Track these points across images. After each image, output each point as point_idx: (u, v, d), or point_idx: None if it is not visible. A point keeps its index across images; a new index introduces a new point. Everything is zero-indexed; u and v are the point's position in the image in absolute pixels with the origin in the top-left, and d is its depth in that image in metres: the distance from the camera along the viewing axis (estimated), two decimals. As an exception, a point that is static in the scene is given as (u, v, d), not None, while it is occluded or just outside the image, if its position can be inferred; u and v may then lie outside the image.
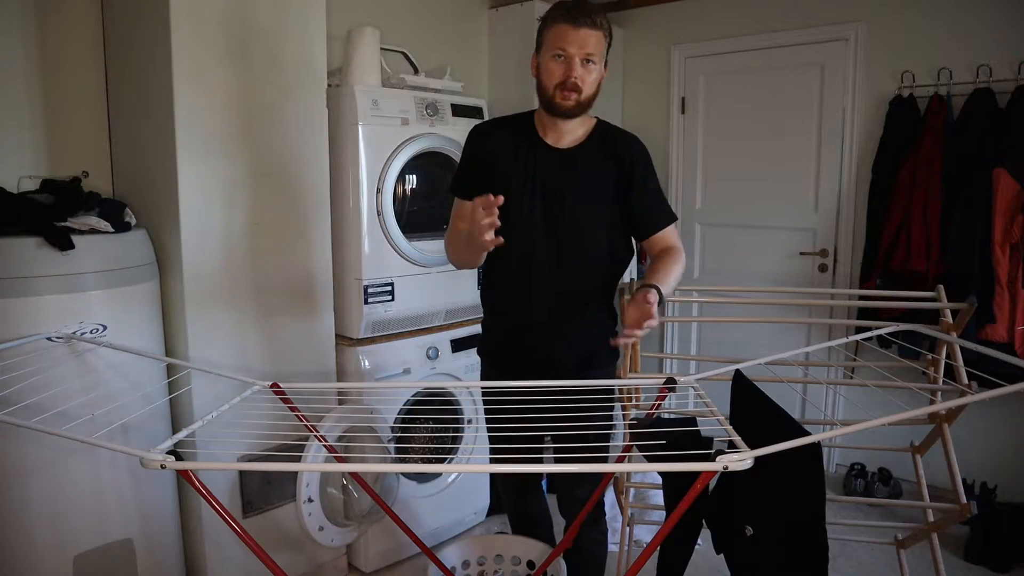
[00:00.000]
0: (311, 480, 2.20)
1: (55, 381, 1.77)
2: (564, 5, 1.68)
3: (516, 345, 1.90)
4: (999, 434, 3.02)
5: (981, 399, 1.33)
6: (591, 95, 1.74)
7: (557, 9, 1.69)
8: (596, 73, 1.73)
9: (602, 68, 1.75)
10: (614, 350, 1.90)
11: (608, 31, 1.71)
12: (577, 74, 1.68)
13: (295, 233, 2.37)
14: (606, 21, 1.70)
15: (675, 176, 3.94)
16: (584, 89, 1.71)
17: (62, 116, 2.27)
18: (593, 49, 1.68)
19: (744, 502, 1.46)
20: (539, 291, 1.80)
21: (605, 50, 1.73)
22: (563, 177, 1.77)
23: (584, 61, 1.69)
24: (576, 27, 1.65)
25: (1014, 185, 2.75)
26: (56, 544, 1.89)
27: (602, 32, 1.69)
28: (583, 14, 1.65)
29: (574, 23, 1.65)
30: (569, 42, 1.66)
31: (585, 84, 1.71)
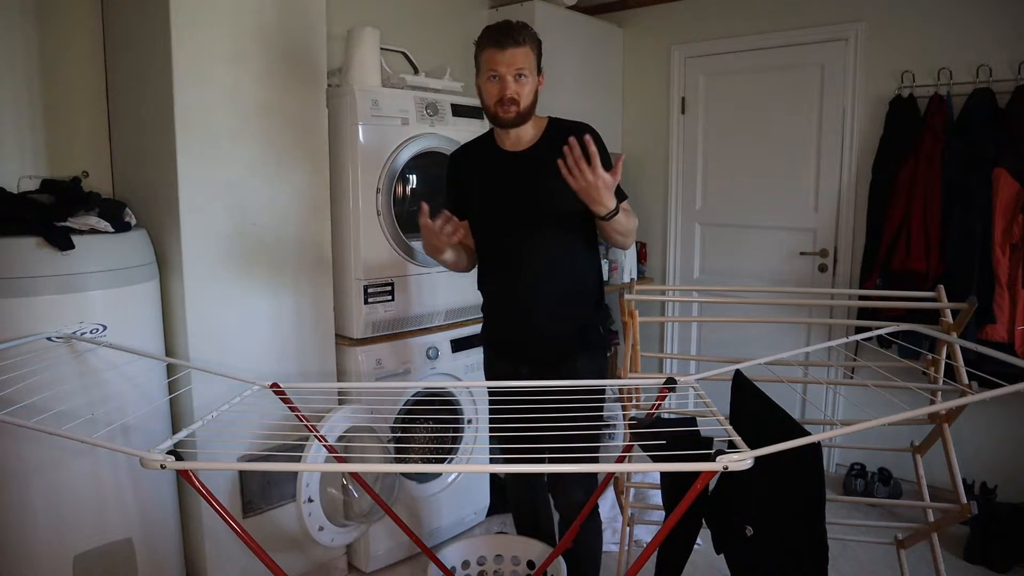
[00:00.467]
0: (311, 480, 2.20)
1: (55, 381, 1.77)
2: (490, 30, 1.88)
3: (512, 328, 2.07)
4: (999, 434, 3.02)
5: (981, 399, 1.33)
6: (529, 104, 1.91)
7: (485, 35, 1.88)
8: (530, 84, 1.89)
9: (535, 78, 1.91)
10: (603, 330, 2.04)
11: (534, 44, 1.89)
12: (511, 90, 1.86)
13: (295, 233, 2.37)
14: (529, 36, 1.87)
15: (675, 176, 3.94)
16: (521, 100, 1.88)
17: (62, 116, 2.27)
18: (522, 64, 1.85)
19: (744, 502, 1.46)
20: (524, 278, 2.00)
21: (535, 61, 1.90)
22: (522, 175, 1.96)
23: (517, 76, 1.85)
24: (502, 49, 1.83)
25: (1014, 185, 2.75)
26: (56, 544, 1.89)
27: (528, 47, 1.86)
28: (506, 36, 1.83)
29: (500, 46, 1.83)
30: (499, 63, 1.84)
31: (521, 96, 1.87)
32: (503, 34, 1.83)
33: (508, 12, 3.51)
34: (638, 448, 1.51)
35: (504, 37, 1.83)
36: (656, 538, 1.33)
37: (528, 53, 1.86)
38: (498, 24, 1.87)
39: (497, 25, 1.86)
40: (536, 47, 1.89)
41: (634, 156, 4.11)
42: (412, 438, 2.70)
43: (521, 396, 1.69)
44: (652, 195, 4.04)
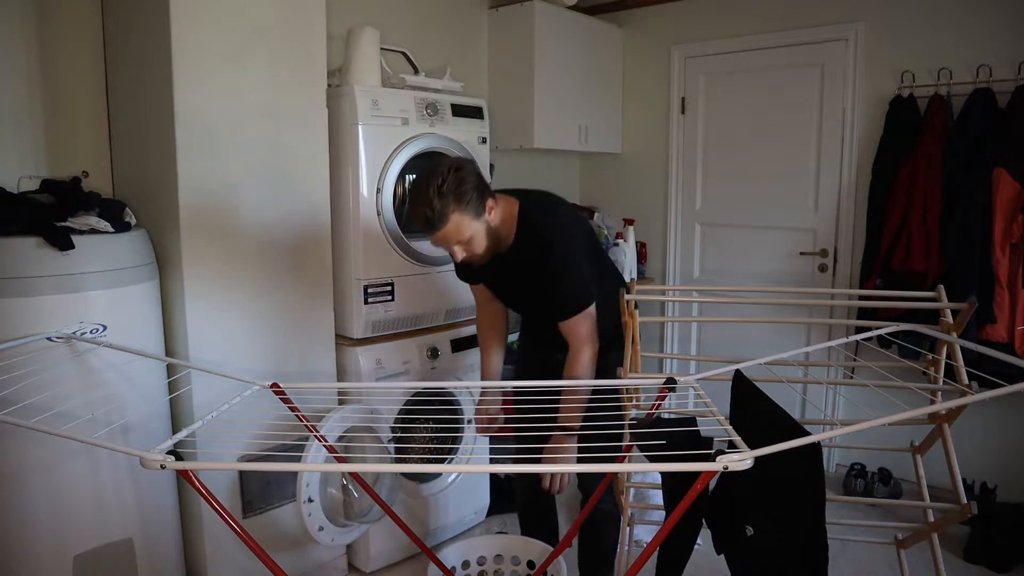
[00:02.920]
0: (311, 480, 2.20)
1: (55, 381, 1.77)
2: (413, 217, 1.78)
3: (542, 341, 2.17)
4: (999, 434, 3.02)
5: (981, 399, 1.33)
6: (487, 245, 1.85)
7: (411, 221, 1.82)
8: (477, 236, 1.81)
9: (480, 224, 1.80)
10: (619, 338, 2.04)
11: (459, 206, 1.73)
12: (461, 255, 1.83)
13: (295, 233, 2.37)
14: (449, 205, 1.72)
15: (675, 176, 3.94)
16: (476, 250, 1.83)
17: (62, 116, 2.27)
18: (455, 237, 1.77)
19: (744, 502, 1.46)
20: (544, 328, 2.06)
21: (470, 214, 1.76)
22: (509, 274, 2.02)
23: (458, 243, 1.79)
24: (432, 234, 1.77)
25: (1014, 185, 2.75)
26: (56, 544, 1.89)
27: (452, 217, 1.73)
28: (428, 223, 1.74)
29: (429, 232, 1.78)
30: (438, 243, 1.81)
31: (474, 250, 1.83)
32: (424, 222, 1.74)
33: (508, 12, 3.52)
34: (638, 448, 1.51)
35: (427, 225, 1.75)
36: (656, 538, 1.33)
37: (457, 222, 1.74)
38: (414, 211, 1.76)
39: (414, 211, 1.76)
40: (462, 204, 1.73)
41: (634, 156, 4.12)
42: (412, 438, 2.70)
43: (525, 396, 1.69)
44: (652, 195, 4.04)
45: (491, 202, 1.82)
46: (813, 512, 1.29)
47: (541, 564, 2.03)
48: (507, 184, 3.80)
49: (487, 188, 1.83)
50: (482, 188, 1.79)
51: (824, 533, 1.29)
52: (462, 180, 1.73)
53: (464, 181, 1.74)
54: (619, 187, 4.19)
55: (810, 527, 1.30)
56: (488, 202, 1.81)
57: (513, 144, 3.54)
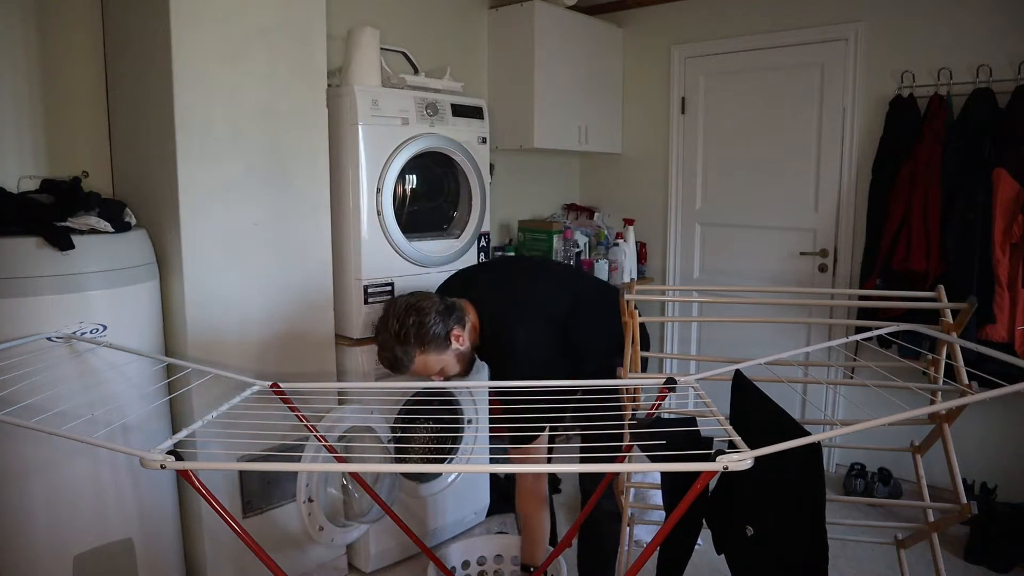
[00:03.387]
0: (311, 480, 2.20)
1: (55, 381, 1.77)
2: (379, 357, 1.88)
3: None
4: (999, 434, 3.02)
5: (981, 399, 1.33)
6: (463, 366, 1.93)
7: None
8: (448, 364, 1.88)
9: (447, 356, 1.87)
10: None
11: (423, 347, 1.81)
12: (439, 380, 1.91)
13: (295, 233, 2.37)
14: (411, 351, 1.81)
15: (675, 176, 3.94)
16: (450, 373, 1.90)
17: (62, 116, 2.27)
18: (424, 371, 1.86)
19: (744, 502, 1.46)
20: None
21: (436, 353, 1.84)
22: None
23: (430, 374, 1.88)
24: (401, 375, 1.88)
25: (1014, 185, 2.74)
26: (56, 544, 1.89)
27: (414, 362, 1.82)
28: (396, 367, 1.84)
29: (397, 373, 1.88)
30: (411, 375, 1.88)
31: (448, 373, 1.90)
32: (393, 367, 1.85)
33: (508, 12, 3.52)
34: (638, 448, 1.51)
35: (393, 369, 1.85)
36: (656, 538, 1.33)
37: (423, 360, 1.83)
38: (379, 349, 1.85)
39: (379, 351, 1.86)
40: (423, 345, 1.81)
41: (634, 156, 4.12)
42: (412, 438, 2.70)
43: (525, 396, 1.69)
44: (652, 195, 4.04)
45: (456, 330, 1.86)
46: (813, 512, 1.29)
47: (541, 564, 2.03)
48: (507, 184, 3.82)
49: (451, 317, 1.85)
50: (446, 320, 1.83)
51: (824, 533, 1.29)
52: (421, 324, 1.79)
53: (423, 324, 1.79)
54: (619, 187, 4.19)
55: (810, 527, 1.30)
56: (453, 331, 1.85)
57: (513, 144, 3.54)
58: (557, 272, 2.31)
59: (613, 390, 1.81)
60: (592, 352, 2.06)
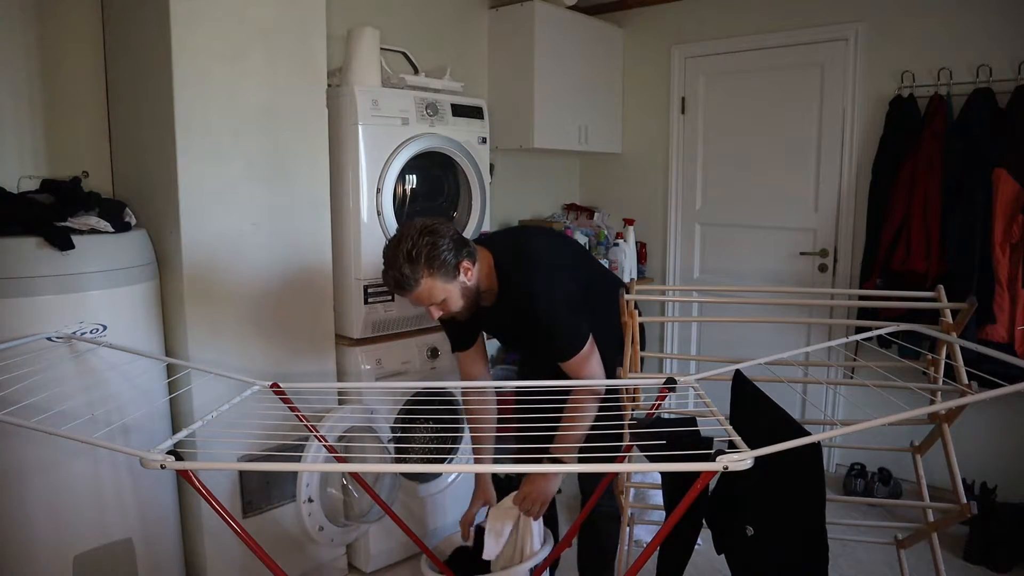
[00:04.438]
0: (311, 480, 2.21)
1: (55, 381, 1.77)
2: (385, 279, 1.78)
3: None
4: (999, 434, 3.02)
5: (981, 399, 1.33)
6: (465, 304, 1.84)
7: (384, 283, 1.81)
8: (452, 296, 1.80)
9: (456, 284, 1.79)
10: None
11: (430, 270, 1.73)
12: (437, 314, 1.83)
13: (295, 233, 2.37)
14: (418, 269, 1.72)
15: (675, 176, 3.94)
16: (453, 310, 1.82)
17: (62, 116, 2.27)
18: (428, 299, 1.78)
19: (744, 502, 1.46)
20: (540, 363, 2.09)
21: (443, 280, 1.76)
22: (497, 324, 2.05)
23: (432, 304, 1.79)
24: (403, 295, 1.78)
25: (1014, 185, 2.74)
26: (56, 544, 1.89)
27: (424, 282, 1.74)
28: (399, 286, 1.75)
29: (401, 294, 1.78)
30: (412, 303, 1.81)
31: (451, 310, 1.82)
32: (396, 286, 1.76)
33: (508, 12, 3.52)
34: (638, 448, 1.51)
35: (398, 288, 1.76)
36: (656, 538, 1.33)
37: (429, 286, 1.75)
38: (387, 274, 1.76)
39: (386, 274, 1.77)
40: (432, 268, 1.73)
41: (634, 156, 4.12)
42: (412, 438, 2.70)
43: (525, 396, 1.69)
44: (652, 195, 4.04)
45: (467, 263, 1.80)
46: (813, 512, 1.29)
47: (541, 563, 2.03)
48: (507, 184, 3.82)
49: (464, 249, 1.80)
50: (458, 250, 1.78)
51: (824, 533, 1.29)
52: (434, 244, 1.73)
53: (436, 245, 1.73)
54: (619, 187, 4.19)
55: (810, 527, 1.30)
56: (463, 263, 1.79)
57: (513, 144, 3.54)
58: (573, 248, 2.26)
59: (613, 390, 1.81)
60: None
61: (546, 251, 2.00)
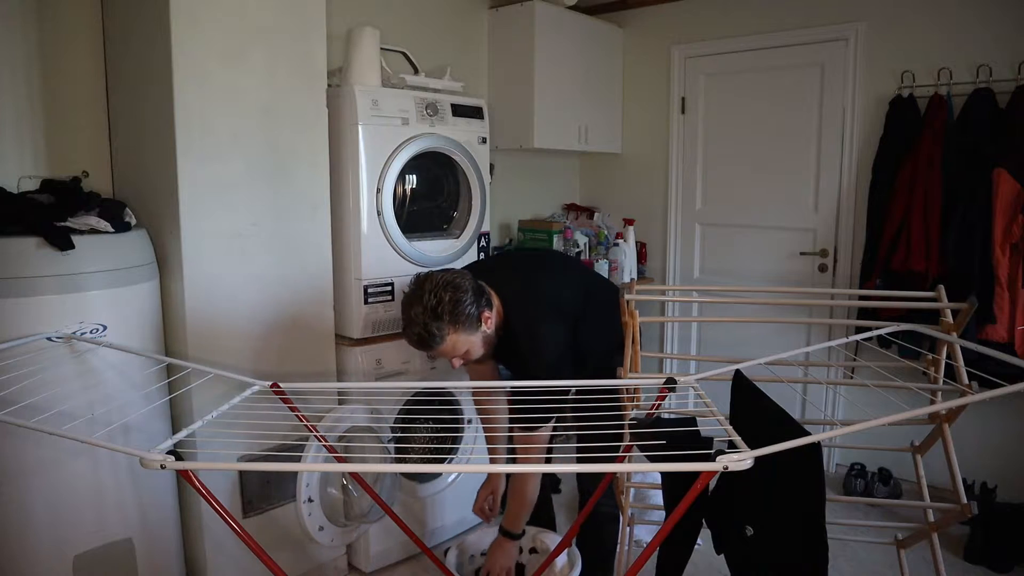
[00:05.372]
0: (311, 480, 2.20)
1: (55, 381, 1.77)
2: (404, 332, 1.80)
3: None
4: (999, 434, 3.02)
5: (981, 399, 1.33)
6: (485, 351, 1.88)
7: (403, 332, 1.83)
8: (474, 347, 1.83)
9: (475, 338, 1.81)
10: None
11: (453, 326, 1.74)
12: (458, 364, 1.86)
13: (295, 233, 2.37)
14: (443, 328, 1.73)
15: (675, 176, 3.94)
16: (472, 358, 1.86)
17: (62, 116, 2.27)
18: (451, 353, 1.80)
19: (744, 502, 1.46)
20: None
21: (466, 334, 1.78)
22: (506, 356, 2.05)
23: (454, 357, 1.82)
24: (428, 352, 1.82)
25: (1014, 185, 2.74)
26: (56, 544, 1.89)
27: (445, 341, 1.75)
28: (424, 344, 1.76)
29: (426, 352, 1.82)
30: (431, 356, 1.86)
31: (470, 358, 1.85)
32: (421, 344, 1.77)
33: (508, 12, 3.52)
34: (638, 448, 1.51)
35: (423, 346, 1.77)
36: (656, 538, 1.33)
37: (453, 340, 1.76)
38: (410, 332, 1.77)
39: (409, 331, 1.78)
40: (456, 325, 1.75)
41: (634, 156, 4.12)
42: (412, 438, 2.70)
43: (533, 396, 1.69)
44: (652, 195, 4.04)
45: (487, 312, 1.81)
46: (813, 512, 1.29)
47: (542, 563, 2.03)
48: (507, 184, 3.82)
49: (483, 298, 1.81)
50: (478, 300, 1.78)
51: (824, 533, 1.29)
52: (458, 301, 1.73)
53: (460, 302, 1.73)
54: (619, 187, 4.19)
55: (810, 527, 1.30)
56: (484, 313, 1.80)
57: (513, 144, 3.54)
58: (569, 268, 2.28)
59: (611, 390, 1.81)
60: (593, 352, 2.06)
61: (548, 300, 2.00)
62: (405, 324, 1.78)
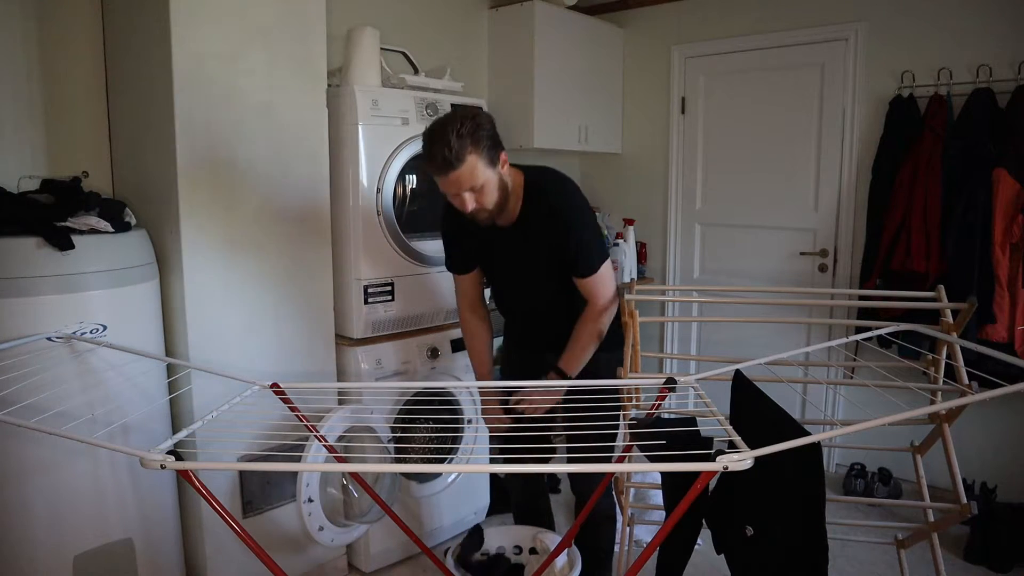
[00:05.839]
0: (311, 480, 2.20)
1: (55, 381, 1.77)
2: (428, 155, 1.77)
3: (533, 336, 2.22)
4: (999, 434, 3.02)
5: (981, 399, 1.33)
6: (497, 201, 1.85)
7: (426, 159, 1.79)
8: (489, 187, 1.81)
9: (494, 174, 1.82)
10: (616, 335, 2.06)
11: (477, 148, 1.75)
12: (472, 205, 1.81)
13: (295, 233, 2.37)
14: (466, 145, 1.73)
15: (675, 176, 3.94)
16: (486, 204, 1.83)
17: (62, 116, 2.27)
18: (468, 181, 1.76)
19: (744, 502, 1.46)
20: (536, 312, 2.16)
21: (485, 163, 1.78)
22: (511, 250, 2.02)
23: (471, 189, 1.78)
24: (445, 175, 1.76)
25: (1014, 185, 2.74)
26: (56, 544, 1.89)
27: (469, 160, 1.74)
28: (445, 163, 1.73)
29: (443, 173, 1.75)
30: (448, 186, 1.78)
31: (484, 202, 1.82)
32: (442, 162, 1.73)
33: (508, 12, 3.51)
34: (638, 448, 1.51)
35: (443, 164, 1.73)
36: (656, 538, 1.33)
37: (473, 166, 1.74)
38: (432, 150, 1.74)
39: (431, 151, 1.75)
40: (478, 148, 1.75)
41: (634, 156, 4.12)
42: (412, 438, 2.70)
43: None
44: (652, 195, 4.04)
45: (504, 156, 1.85)
46: (813, 512, 1.29)
47: (542, 563, 2.03)
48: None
49: (500, 142, 1.85)
50: (496, 140, 1.82)
51: (824, 533, 1.29)
52: (479, 126, 1.75)
53: (480, 127, 1.76)
54: (619, 187, 4.19)
55: (810, 527, 1.30)
56: (502, 155, 1.84)
57: (513, 144, 3.54)
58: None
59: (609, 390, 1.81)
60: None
61: (578, 188, 2.07)
62: (430, 146, 1.75)
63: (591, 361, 2.02)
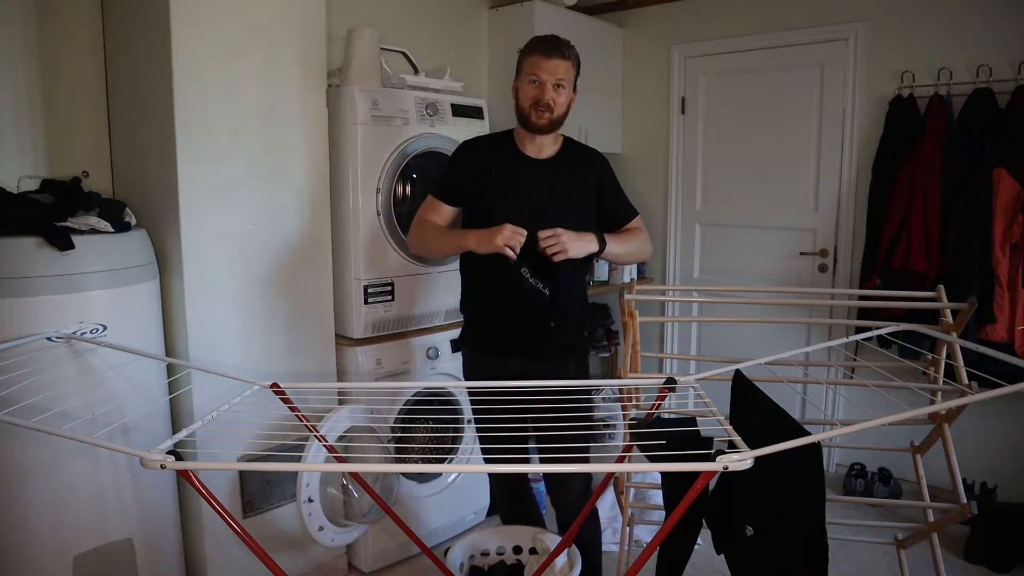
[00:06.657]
0: (311, 480, 2.20)
1: (55, 381, 1.77)
2: (539, 39, 2.02)
3: (510, 323, 2.08)
4: (999, 434, 3.02)
5: (981, 399, 1.33)
6: (562, 114, 2.04)
7: (533, 42, 2.03)
8: (565, 96, 2.02)
9: (571, 92, 2.04)
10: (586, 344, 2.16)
11: (576, 61, 2.02)
12: (549, 96, 1.99)
13: (295, 233, 2.37)
14: (574, 53, 2.01)
15: (675, 176, 3.94)
16: (556, 109, 2.00)
17: (62, 116, 2.27)
18: (563, 76, 1.99)
19: (744, 502, 1.46)
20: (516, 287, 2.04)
21: (574, 77, 2.03)
22: (548, 180, 2.09)
23: (555, 86, 1.98)
24: (548, 58, 1.97)
25: (1014, 185, 2.75)
26: (56, 544, 1.89)
27: (570, 62, 2.00)
28: (554, 47, 1.97)
29: (546, 55, 1.97)
30: (542, 70, 1.98)
31: (556, 104, 2.00)
32: (551, 45, 1.97)
33: (508, 12, 3.51)
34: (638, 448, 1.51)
35: (551, 48, 1.96)
36: (656, 538, 1.33)
37: (570, 68, 1.99)
38: (547, 36, 2.00)
39: (546, 37, 2.00)
40: (577, 65, 2.02)
41: (634, 156, 4.11)
42: (412, 438, 2.70)
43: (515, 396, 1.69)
44: (652, 195, 4.04)
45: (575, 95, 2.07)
46: (813, 512, 1.29)
47: (542, 563, 2.03)
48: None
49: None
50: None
51: (824, 533, 1.29)
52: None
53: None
54: (619, 187, 4.18)
55: (810, 527, 1.30)
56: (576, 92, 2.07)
57: (513, 144, 3.54)
58: None
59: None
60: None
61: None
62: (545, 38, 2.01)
63: (559, 366, 2.04)
